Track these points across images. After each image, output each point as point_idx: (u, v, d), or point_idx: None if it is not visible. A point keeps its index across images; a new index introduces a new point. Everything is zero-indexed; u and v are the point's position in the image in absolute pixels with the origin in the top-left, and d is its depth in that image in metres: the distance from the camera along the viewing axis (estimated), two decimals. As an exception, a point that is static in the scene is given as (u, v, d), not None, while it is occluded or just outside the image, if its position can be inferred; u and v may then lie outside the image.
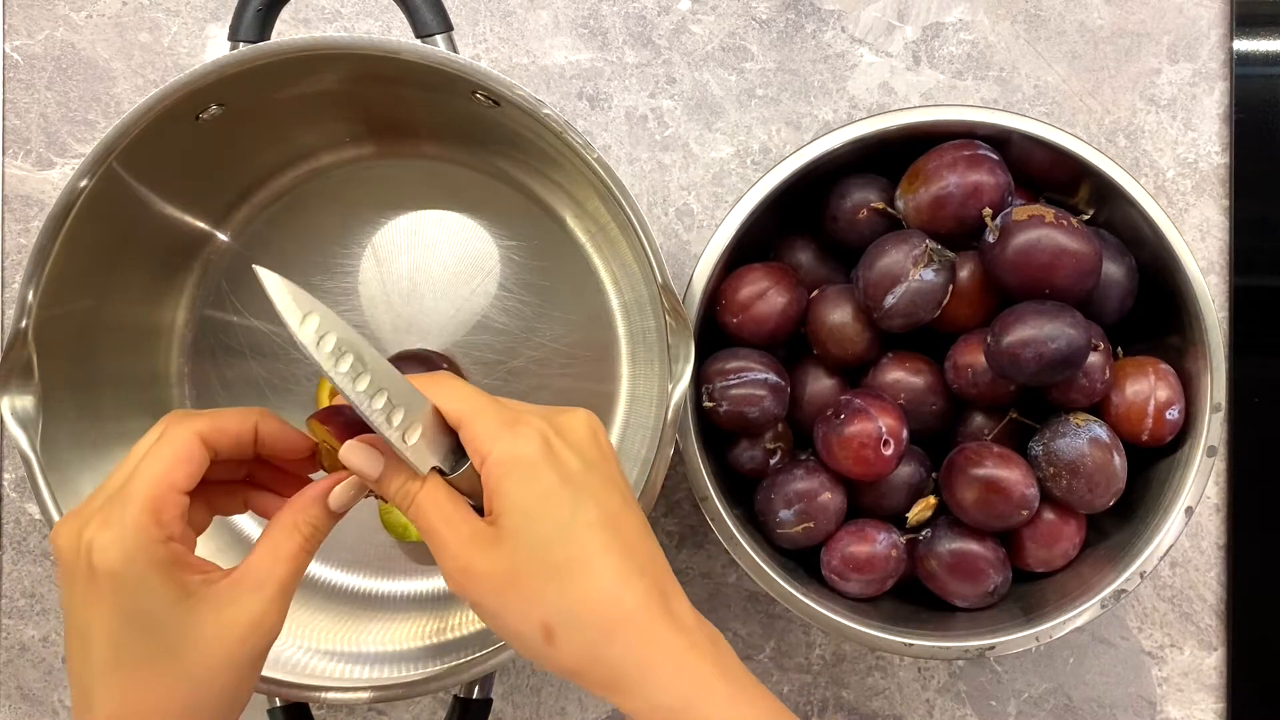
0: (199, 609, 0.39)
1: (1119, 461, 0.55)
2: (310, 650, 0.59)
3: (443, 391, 0.41)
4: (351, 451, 0.41)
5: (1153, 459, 0.57)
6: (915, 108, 0.60)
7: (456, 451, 0.41)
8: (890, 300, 0.54)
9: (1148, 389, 0.56)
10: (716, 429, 0.58)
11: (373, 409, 0.39)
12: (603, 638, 0.38)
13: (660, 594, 0.39)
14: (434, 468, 0.41)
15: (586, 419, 0.42)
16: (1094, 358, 0.55)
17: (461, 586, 0.39)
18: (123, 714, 0.38)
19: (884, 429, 0.55)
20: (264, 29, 0.55)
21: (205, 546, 0.62)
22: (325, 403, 0.62)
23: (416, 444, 0.40)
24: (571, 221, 0.63)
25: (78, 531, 0.38)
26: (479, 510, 0.41)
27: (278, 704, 0.56)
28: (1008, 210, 0.54)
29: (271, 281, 0.39)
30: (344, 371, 0.39)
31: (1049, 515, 0.57)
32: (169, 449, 0.40)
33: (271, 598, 0.40)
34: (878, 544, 0.57)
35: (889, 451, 0.55)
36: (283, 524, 0.42)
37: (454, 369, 0.63)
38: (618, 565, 0.38)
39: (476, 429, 0.40)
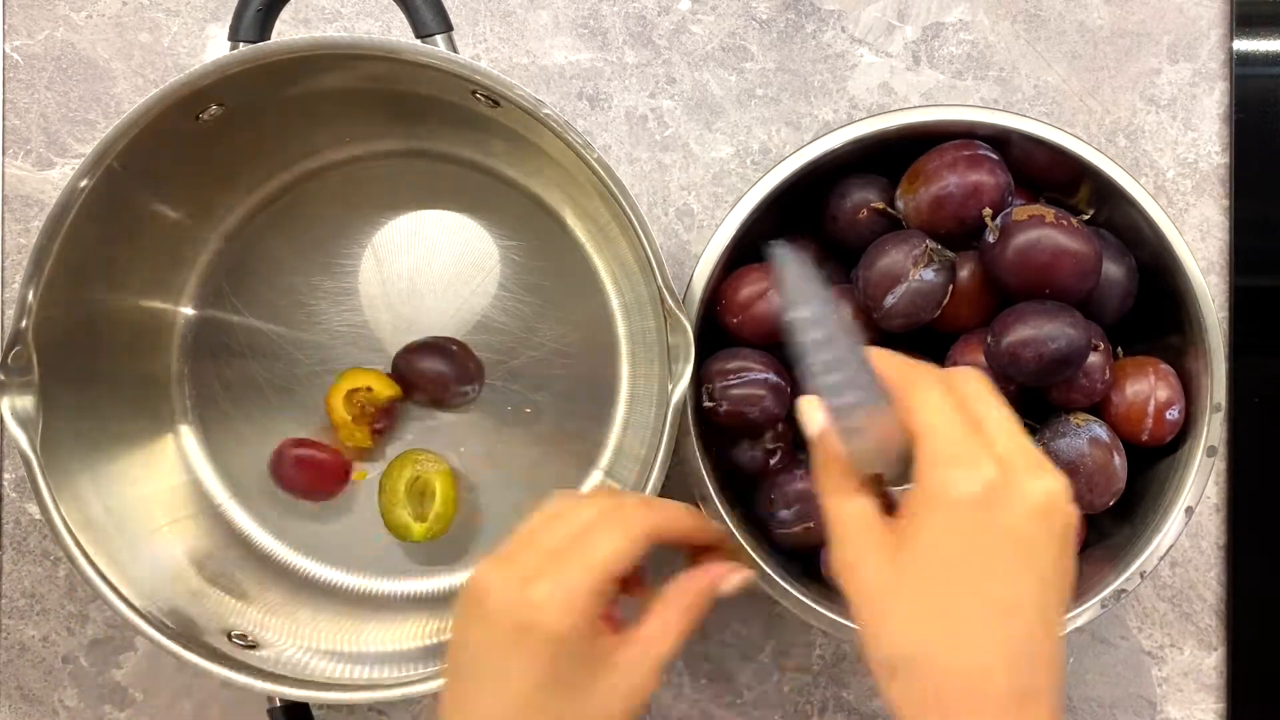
0: (608, 675, 0.41)
1: (1119, 461, 0.55)
2: (310, 650, 0.59)
3: (916, 403, 0.39)
4: (804, 409, 0.41)
5: (1153, 459, 0.57)
6: (915, 108, 0.60)
7: (905, 459, 0.39)
8: (890, 300, 0.54)
9: (1148, 389, 0.56)
10: (716, 429, 0.58)
11: (834, 404, 0.39)
12: (940, 710, 0.36)
13: (1034, 708, 0.36)
14: (875, 475, 0.40)
15: (1053, 489, 0.37)
16: (1094, 358, 0.55)
17: (844, 585, 0.39)
18: None
19: None
20: (264, 29, 0.55)
21: (204, 546, 0.62)
22: (339, 411, 0.62)
23: (864, 448, 0.39)
24: (571, 221, 0.63)
25: (518, 586, 0.39)
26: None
27: (278, 704, 0.56)
28: (1008, 210, 0.54)
29: (785, 261, 0.39)
30: (816, 361, 0.39)
31: (1049, 515, 0.57)
32: (624, 541, 0.41)
33: (656, 670, 0.41)
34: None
35: None
36: (680, 604, 0.43)
37: (466, 354, 0.63)
38: (1004, 675, 0.36)
39: (927, 450, 0.38)
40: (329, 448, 0.63)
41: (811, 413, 0.41)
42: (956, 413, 0.38)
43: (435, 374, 0.62)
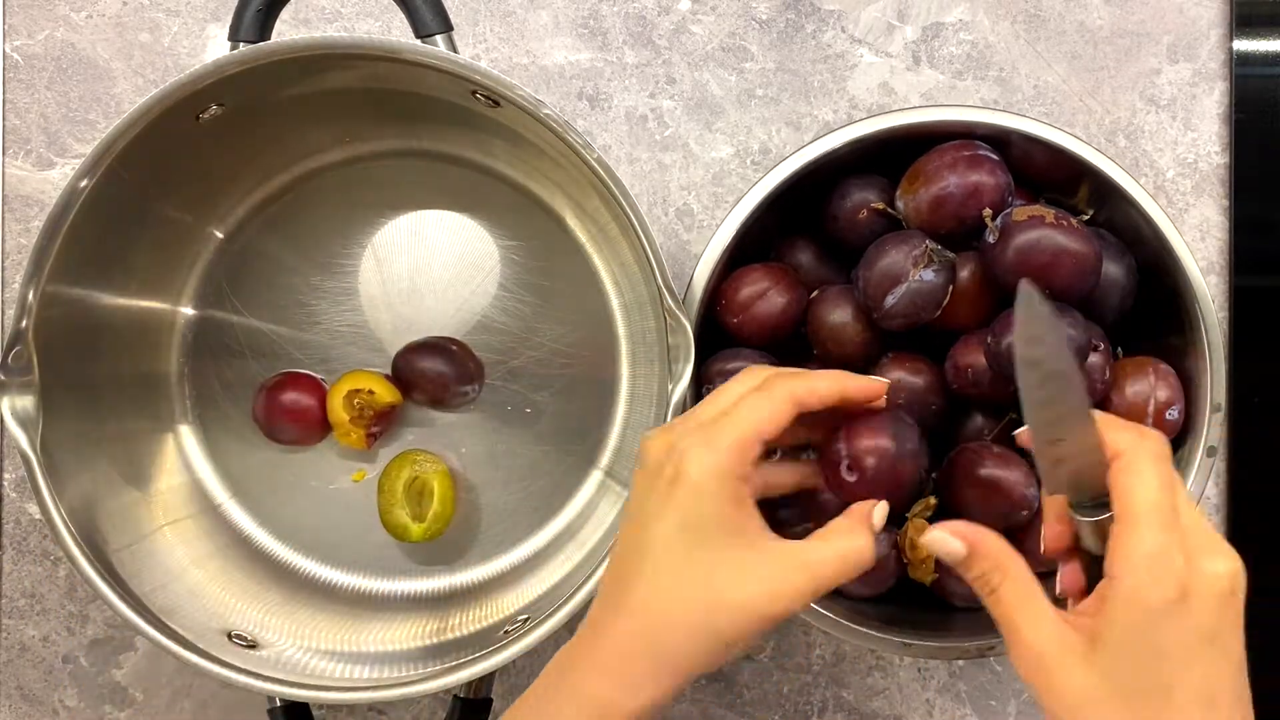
0: (755, 559, 0.42)
1: (1119, 461, 0.55)
2: (310, 650, 0.59)
3: (1136, 465, 0.40)
4: (936, 541, 0.42)
5: (1153, 459, 0.57)
6: (915, 108, 0.60)
7: (1097, 494, 0.41)
8: (890, 300, 0.54)
9: (1148, 389, 0.56)
10: (716, 429, 0.58)
11: (1043, 440, 0.40)
12: None
13: None
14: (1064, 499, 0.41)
15: (1233, 579, 0.40)
16: (1094, 358, 0.55)
17: (1038, 688, 0.39)
18: (653, 590, 0.41)
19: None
20: (264, 29, 0.55)
21: (204, 546, 0.62)
22: (337, 411, 0.61)
23: (1058, 471, 0.41)
24: (571, 221, 0.63)
25: (671, 443, 0.43)
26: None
27: (278, 704, 0.56)
28: (1008, 210, 0.54)
29: (1029, 300, 0.40)
30: (1039, 397, 0.40)
31: (1049, 515, 0.57)
32: (768, 404, 0.43)
33: (804, 584, 0.42)
34: (878, 544, 0.57)
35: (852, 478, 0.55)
36: (859, 523, 0.45)
37: (466, 354, 0.63)
38: None
39: (1126, 545, 0.38)
40: (317, 386, 0.63)
41: (942, 543, 0.43)
42: (1164, 495, 0.39)
43: (435, 374, 0.62)
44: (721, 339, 0.59)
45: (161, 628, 0.54)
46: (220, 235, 0.64)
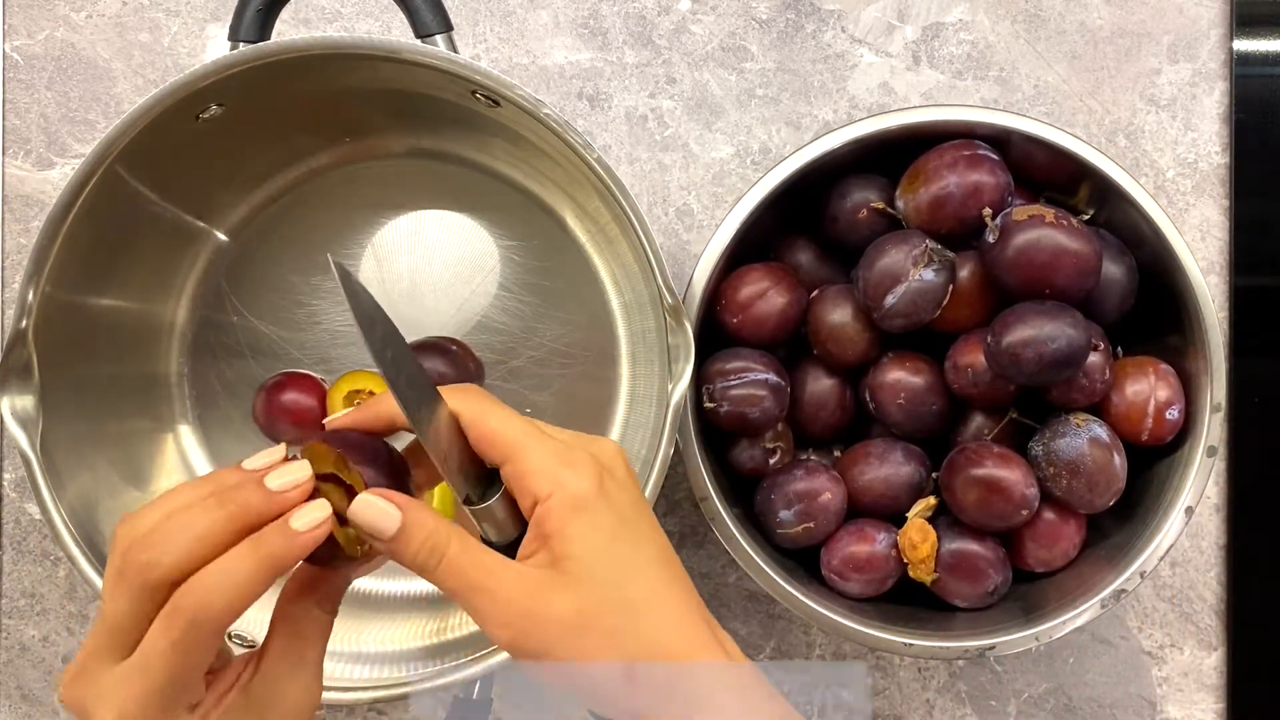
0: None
1: (1119, 461, 0.55)
2: (310, 650, 0.59)
3: (490, 418, 0.39)
4: (365, 507, 0.37)
5: (1153, 459, 0.57)
6: (915, 108, 0.60)
7: (482, 478, 0.40)
8: (890, 300, 0.54)
9: (1148, 389, 0.56)
10: (716, 429, 0.58)
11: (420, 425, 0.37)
12: (678, 675, 0.37)
13: (711, 628, 0.39)
14: (465, 496, 0.39)
15: (618, 450, 0.41)
16: (1094, 358, 0.55)
17: (526, 635, 0.37)
18: None
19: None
20: (264, 29, 0.55)
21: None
22: (339, 408, 0.61)
23: (454, 470, 0.39)
24: (571, 221, 0.63)
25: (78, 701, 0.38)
26: (488, 543, 0.39)
27: (278, 704, 0.56)
28: (1008, 210, 0.54)
29: (343, 274, 0.38)
30: (393, 375, 0.37)
31: (1049, 515, 0.57)
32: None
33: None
34: (878, 544, 0.57)
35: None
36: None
37: (466, 354, 0.63)
38: (682, 600, 0.39)
39: (531, 465, 0.38)
40: (317, 386, 0.63)
41: (372, 510, 0.37)
42: (517, 419, 0.39)
43: (435, 374, 0.62)
44: (721, 339, 0.59)
45: (161, 628, 0.54)
46: (220, 235, 0.64)
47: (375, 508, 0.37)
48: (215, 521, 0.35)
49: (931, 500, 0.58)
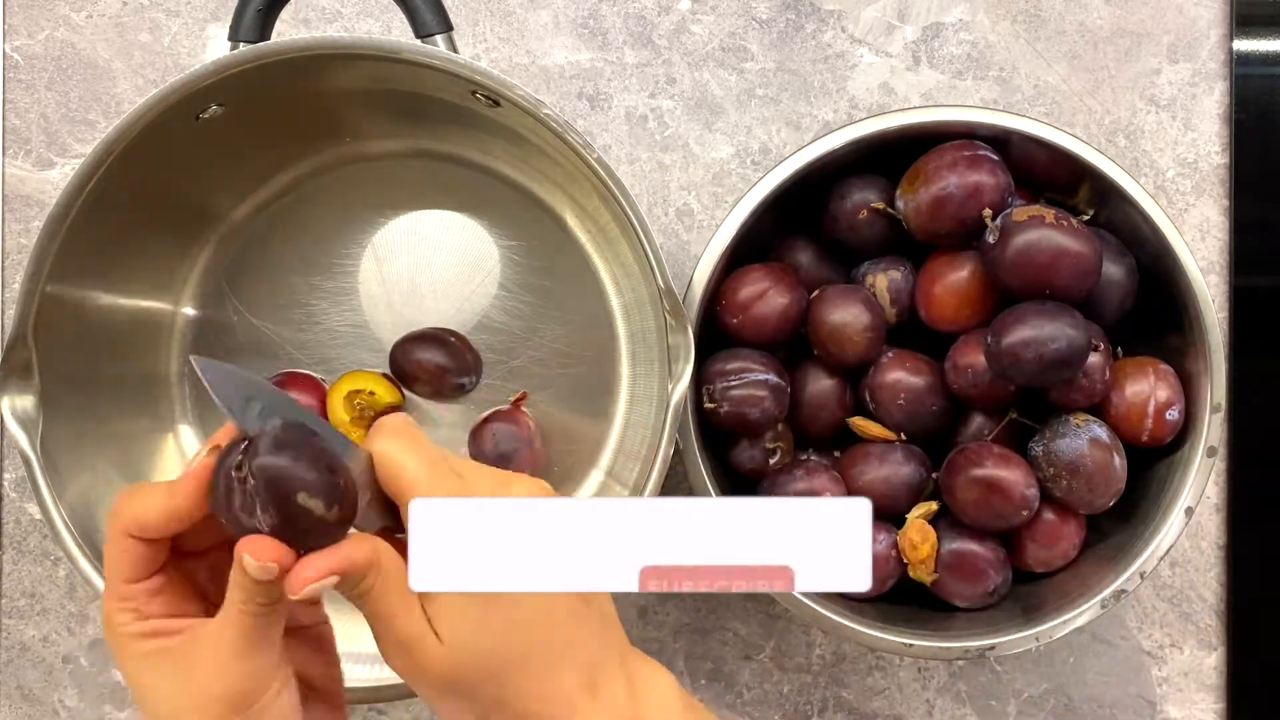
0: None
1: (1119, 462, 0.55)
2: (310, 650, 0.59)
3: (394, 456, 0.38)
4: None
5: (1153, 459, 0.57)
6: (915, 108, 0.60)
7: (391, 510, 0.39)
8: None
9: (1148, 389, 0.56)
10: (716, 429, 0.58)
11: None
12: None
13: (594, 690, 0.38)
14: (384, 528, 0.39)
15: (545, 487, 0.40)
16: (1094, 358, 0.55)
17: (411, 681, 0.38)
18: None
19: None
20: (264, 29, 0.55)
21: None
22: (338, 412, 0.61)
23: (367, 506, 0.38)
24: (571, 221, 0.63)
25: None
26: None
27: (278, 704, 0.56)
28: (1008, 210, 0.54)
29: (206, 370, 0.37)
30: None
31: (1049, 515, 0.57)
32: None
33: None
34: (878, 544, 0.57)
35: None
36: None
37: (464, 345, 0.62)
38: (559, 663, 0.38)
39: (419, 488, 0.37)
40: (317, 386, 0.62)
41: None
42: (434, 462, 0.38)
43: (433, 365, 0.62)
44: (721, 339, 0.59)
45: (161, 628, 0.54)
46: (220, 235, 0.64)
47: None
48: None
49: (932, 505, 0.58)
